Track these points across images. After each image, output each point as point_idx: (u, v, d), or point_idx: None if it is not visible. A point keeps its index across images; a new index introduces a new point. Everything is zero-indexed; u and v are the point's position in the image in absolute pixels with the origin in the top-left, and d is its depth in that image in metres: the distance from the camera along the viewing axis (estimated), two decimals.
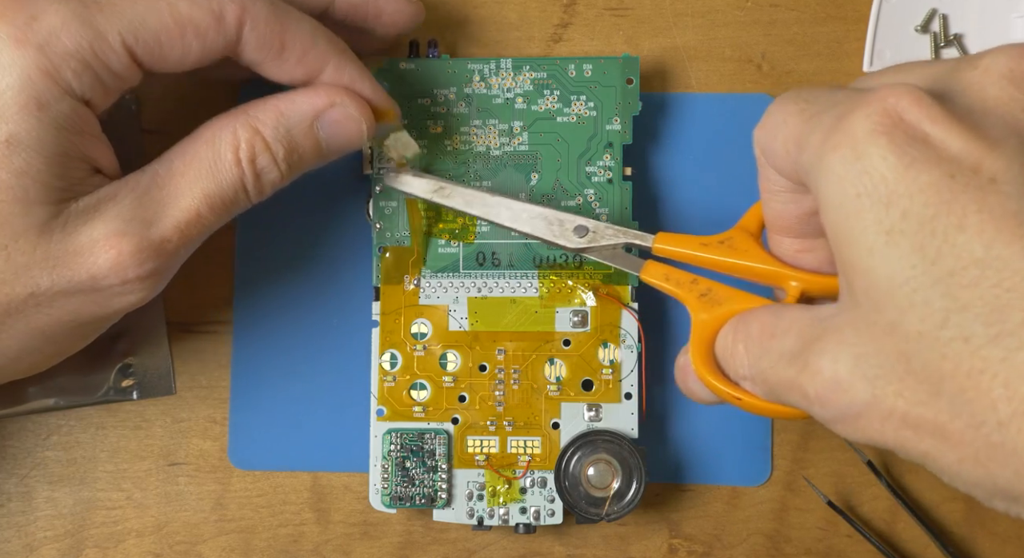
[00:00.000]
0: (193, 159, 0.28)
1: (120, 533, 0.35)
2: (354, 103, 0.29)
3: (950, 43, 0.35)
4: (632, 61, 0.34)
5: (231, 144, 0.28)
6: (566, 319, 0.33)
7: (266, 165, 0.29)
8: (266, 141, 0.28)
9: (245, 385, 0.35)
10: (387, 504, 0.33)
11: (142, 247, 0.27)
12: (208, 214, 0.28)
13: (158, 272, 0.28)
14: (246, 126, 0.28)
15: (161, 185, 0.28)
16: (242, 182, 0.28)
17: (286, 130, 0.29)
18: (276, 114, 0.29)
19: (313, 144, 0.29)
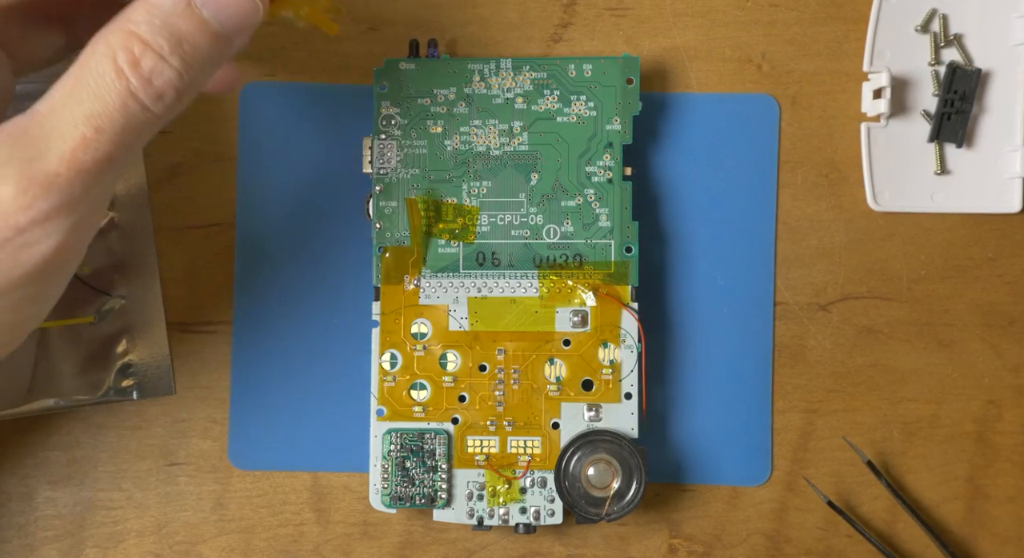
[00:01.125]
0: (72, 85, 0.24)
1: (120, 533, 0.35)
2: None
3: (950, 43, 0.35)
4: (632, 61, 0.34)
5: (107, 55, 0.24)
6: (566, 319, 0.33)
7: (154, 65, 0.24)
8: (143, 39, 0.24)
9: (245, 385, 0.35)
10: (387, 504, 0.33)
11: (27, 187, 0.23)
12: (96, 136, 0.24)
13: (58, 212, 0.24)
14: (117, 31, 0.24)
15: (40, 122, 0.24)
16: (129, 91, 0.24)
17: (162, 21, 0.25)
18: (146, 7, 0.25)
19: (200, 26, 0.25)
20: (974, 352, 0.36)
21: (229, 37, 0.26)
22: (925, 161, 0.36)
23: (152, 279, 0.35)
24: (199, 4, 0.25)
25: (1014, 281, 0.36)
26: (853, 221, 0.36)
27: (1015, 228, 0.36)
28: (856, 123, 0.36)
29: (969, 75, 0.35)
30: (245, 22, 0.26)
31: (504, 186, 0.34)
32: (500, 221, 0.34)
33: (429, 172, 0.34)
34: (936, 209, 0.36)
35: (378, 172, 0.34)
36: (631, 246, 0.33)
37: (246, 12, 0.26)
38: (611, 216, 0.33)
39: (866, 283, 0.36)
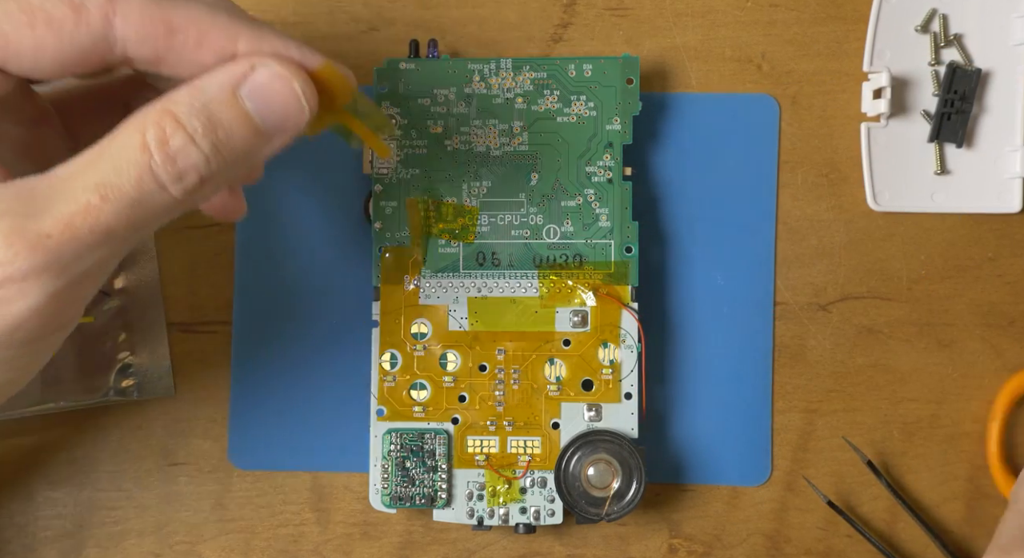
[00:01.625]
0: (95, 154, 0.24)
1: (120, 533, 0.35)
2: (281, 62, 0.24)
3: (950, 43, 0.35)
4: (632, 61, 0.34)
5: (137, 129, 0.23)
6: (566, 319, 0.33)
7: (181, 146, 0.23)
8: (177, 119, 0.24)
9: (245, 385, 0.35)
10: (387, 504, 0.33)
11: (11, 242, 0.22)
12: (100, 204, 0.23)
13: (40, 273, 0.23)
14: (155, 108, 0.24)
15: (52, 184, 0.23)
16: (150, 168, 0.23)
17: (202, 104, 0.24)
18: (189, 89, 0.24)
19: (240, 116, 0.24)
20: (974, 352, 0.36)
21: (269, 134, 0.25)
22: (925, 161, 0.36)
23: (152, 279, 0.35)
24: (244, 95, 0.24)
25: (1014, 281, 0.36)
26: (853, 221, 0.36)
27: (1015, 228, 0.36)
28: (856, 123, 0.36)
29: (969, 75, 0.35)
30: (289, 122, 0.25)
31: (504, 186, 0.34)
32: (500, 221, 0.34)
33: (429, 172, 0.34)
34: (936, 209, 0.36)
35: (378, 172, 0.34)
36: (631, 246, 0.33)
37: (292, 112, 0.25)
38: (611, 216, 0.33)
39: (866, 283, 0.36)
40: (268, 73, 0.24)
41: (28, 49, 0.23)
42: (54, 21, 0.23)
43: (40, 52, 0.24)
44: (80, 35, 0.23)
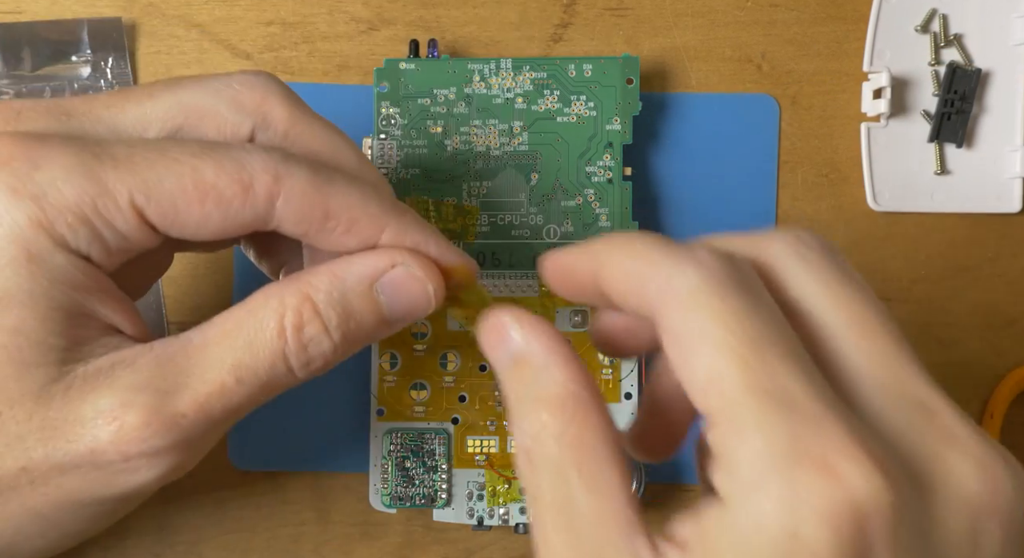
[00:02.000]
0: (232, 327, 0.25)
1: (120, 533, 0.35)
2: (419, 262, 0.26)
3: (950, 43, 0.35)
4: (632, 61, 0.34)
5: (276, 311, 0.24)
6: (566, 319, 0.33)
7: (315, 334, 0.25)
8: (316, 307, 0.25)
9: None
10: (387, 504, 0.33)
11: (149, 421, 0.23)
12: (235, 387, 0.24)
13: (170, 450, 0.24)
14: (295, 292, 0.25)
15: (189, 354, 0.24)
16: (283, 353, 0.25)
17: (340, 294, 0.25)
18: (330, 277, 0.25)
19: (373, 309, 0.25)
20: (974, 352, 0.36)
21: (393, 325, 0.26)
22: (925, 161, 0.36)
23: None
24: (380, 289, 0.25)
25: (1014, 281, 0.36)
26: (853, 221, 0.36)
27: (1015, 228, 0.36)
28: (856, 123, 0.36)
29: (969, 75, 0.35)
30: (414, 315, 0.26)
31: (504, 186, 0.34)
32: (500, 221, 0.34)
33: (429, 172, 0.34)
34: (936, 209, 0.36)
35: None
36: None
37: (419, 306, 0.26)
38: (611, 216, 0.33)
39: None
40: (405, 273, 0.25)
41: (193, 222, 0.24)
42: (224, 200, 0.24)
43: (204, 225, 0.24)
44: (245, 213, 0.24)
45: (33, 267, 0.23)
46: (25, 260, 0.23)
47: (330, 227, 0.25)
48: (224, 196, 0.24)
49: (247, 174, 0.24)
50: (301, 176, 0.24)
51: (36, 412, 0.23)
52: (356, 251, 0.26)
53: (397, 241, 0.26)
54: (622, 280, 0.22)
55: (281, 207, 0.24)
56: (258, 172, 0.24)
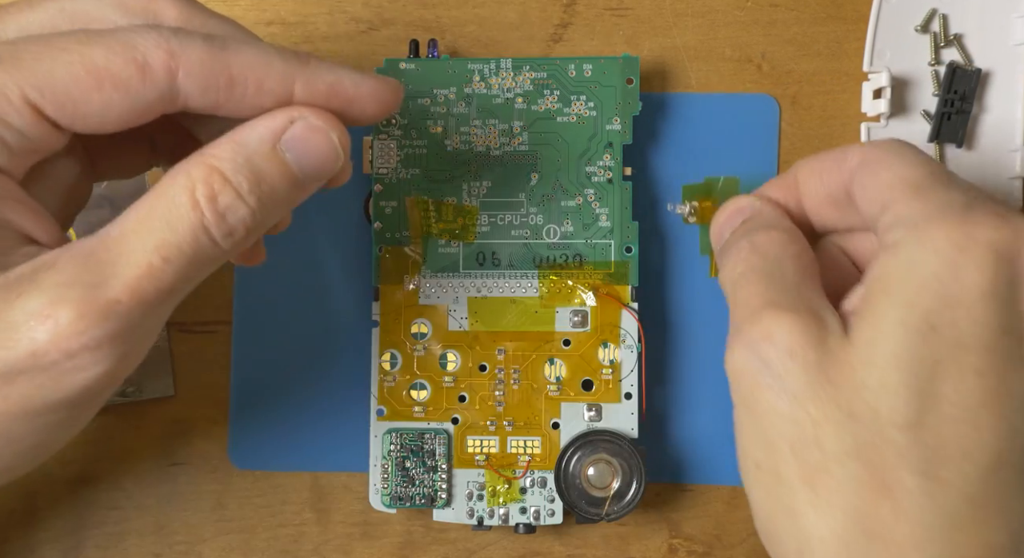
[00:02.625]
0: (146, 212, 0.24)
1: (120, 533, 0.35)
2: (317, 114, 0.25)
3: (950, 43, 0.35)
4: (632, 61, 0.34)
5: (185, 186, 0.24)
6: (566, 319, 0.33)
7: (230, 202, 0.24)
8: (224, 175, 0.24)
9: (245, 385, 0.35)
10: (387, 504, 0.33)
11: (83, 312, 0.23)
12: (163, 266, 0.24)
13: (112, 340, 0.23)
14: (199, 164, 0.24)
15: (109, 246, 0.24)
16: (202, 225, 0.24)
17: (245, 159, 0.24)
18: (231, 145, 0.25)
19: (281, 169, 0.25)
20: None
21: (307, 183, 0.26)
22: None
23: None
24: (284, 147, 0.25)
25: None
26: None
27: None
28: (856, 123, 0.36)
29: (969, 75, 0.35)
30: (325, 169, 0.26)
31: (504, 186, 0.34)
32: (500, 221, 0.34)
33: (429, 172, 0.34)
34: None
35: (378, 172, 0.34)
36: (631, 246, 0.33)
37: (328, 158, 0.26)
38: (611, 216, 0.33)
39: None
40: (305, 126, 0.25)
41: (95, 111, 0.24)
42: (120, 82, 0.24)
43: (107, 112, 0.24)
44: (146, 93, 0.24)
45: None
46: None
47: (239, 92, 0.25)
48: (120, 78, 0.24)
49: (139, 53, 0.24)
50: (196, 46, 0.24)
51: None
52: (271, 109, 0.25)
53: (311, 89, 0.25)
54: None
55: (183, 81, 0.24)
56: (151, 49, 0.24)
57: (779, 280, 0.26)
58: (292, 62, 0.25)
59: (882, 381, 0.23)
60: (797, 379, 0.24)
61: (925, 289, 0.23)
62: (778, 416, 0.24)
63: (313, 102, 0.25)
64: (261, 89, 0.25)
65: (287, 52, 0.25)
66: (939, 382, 0.22)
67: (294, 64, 0.25)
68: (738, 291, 0.26)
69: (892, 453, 0.23)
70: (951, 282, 0.22)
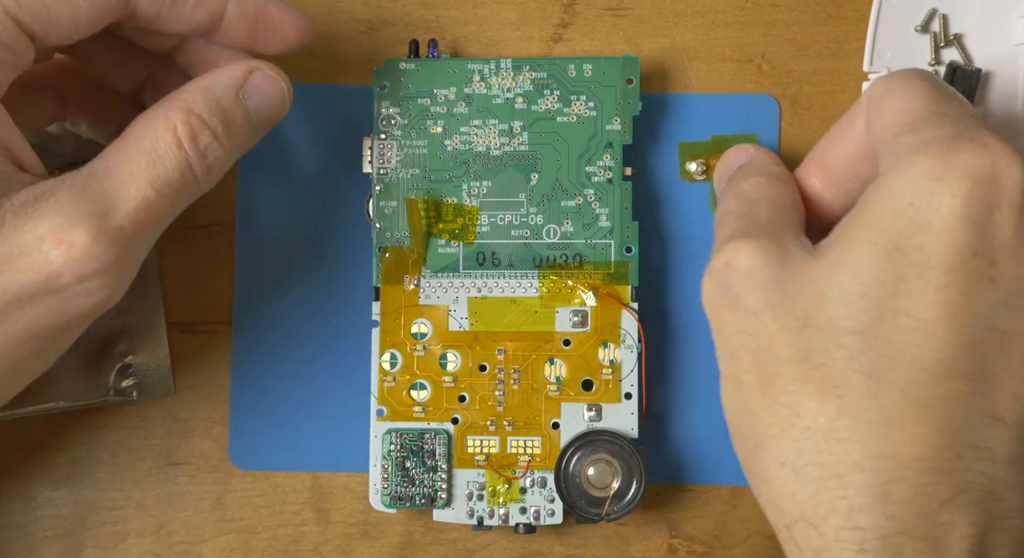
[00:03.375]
0: (130, 151, 0.26)
1: (120, 533, 0.35)
2: (270, 66, 0.29)
3: (950, 43, 0.35)
4: (632, 61, 0.34)
5: (167, 128, 0.26)
6: (566, 319, 0.33)
7: (209, 142, 0.27)
8: (202, 118, 0.27)
9: (245, 385, 0.35)
10: (387, 504, 0.33)
11: (95, 237, 0.25)
12: (157, 199, 0.26)
13: (116, 265, 0.25)
14: (178, 109, 0.27)
15: (100, 178, 0.26)
16: (187, 163, 0.27)
17: (215, 103, 0.27)
18: (202, 91, 0.28)
19: (243, 114, 0.28)
20: None
21: (260, 127, 0.29)
22: None
23: (152, 279, 0.35)
24: (244, 94, 0.28)
25: None
26: None
27: None
28: None
29: (969, 75, 0.35)
30: (276, 115, 0.29)
31: (504, 186, 0.34)
32: (500, 221, 0.34)
33: (429, 172, 0.34)
34: None
35: (378, 172, 0.34)
36: (631, 246, 0.33)
37: (278, 104, 0.29)
38: (611, 216, 0.33)
39: None
40: (262, 76, 0.29)
41: (67, 18, 0.26)
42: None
43: (76, 19, 0.26)
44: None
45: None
46: None
47: (180, 2, 0.27)
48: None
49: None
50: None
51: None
52: (207, 24, 0.28)
53: (242, 7, 0.28)
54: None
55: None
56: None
57: (751, 218, 0.28)
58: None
59: (842, 292, 0.24)
60: (755, 296, 0.26)
61: (899, 215, 0.24)
62: (739, 331, 0.26)
63: (241, 22, 0.28)
64: (199, 3, 0.27)
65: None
66: (899, 297, 0.24)
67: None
68: (716, 234, 0.29)
69: (843, 356, 0.24)
70: (925, 208, 0.24)
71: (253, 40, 0.29)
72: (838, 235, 0.26)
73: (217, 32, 0.29)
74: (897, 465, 0.23)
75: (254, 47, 0.30)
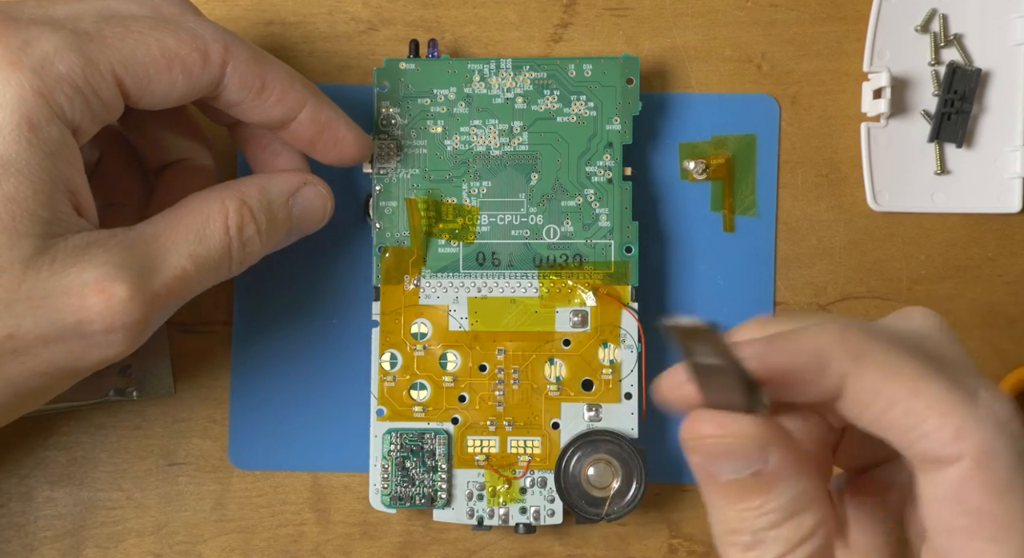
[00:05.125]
0: (180, 223, 0.28)
1: (120, 533, 0.35)
2: (323, 184, 0.31)
3: (950, 43, 0.35)
4: (632, 61, 0.34)
5: (220, 212, 0.28)
6: (566, 319, 0.33)
7: (251, 235, 0.29)
8: (252, 212, 0.29)
9: (245, 385, 0.35)
10: (387, 504, 0.33)
11: (134, 295, 0.26)
12: (194, 274, 0.28)
13: (141, 325, 0.26)
14: (234, 197, 0.29)
15: (149, 241, 0.27)
16: (228, 249, 0.29)
17: (268, 203, 0.30)
18: (259, 188, 0.30)
19: (286, 219, 0.30)
20: (974, 352, 0.36)
21: (294, 234, 0.31)
22: (925, 161, 0.36)
23: None
24: (293, 202, 0.31)
25: (1014, 281, 0.36)
26: (853, 221, 0.36)
27: (1015, 228, 0.36)
28: (856, 123, 0.36)
29: (969, 75, 0.35)
30: (312, 228, 0.32)
31: (504, 186, 0.34)
32: (500, 221, 0.34)
33: (429, 172, 0.34)
34: (936, 209, 0.36)
35: (378, 172, 0.34)
36: (631, 246, 0.33)
37: (317, 220, 0.32)
38: (611, 216, 0.33)
39: (866, 283, 0.36)
40: (314, 191, 0.31)
41: (163, 89, 0.27)
42: (186, 66, 0.27)
43: (170, 92, 0.27)
44: (203, 78, 0.28)
45: (32, 136, 0.25)
46: (27, 129, 0.25)
47: (265, 96, 0.29)
48: (187, 63, 0.27)
49: (202, 42, 0.27)
50: (245, 47, 0.28)
51: (24, 281, 0.25)
52: (278, 121, 0.29)
53: (314, 115, 0.30)
54: (887, 409, 0.20)
55: (230, 73, 0.28)
56: (211, 41, 0.27)
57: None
58: (309, 89, 0.30)
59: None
60: None
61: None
62: None
63: (310, 127, 0.30)
64: (281, 101, 0.29)
65: (306, 81, 0.30)
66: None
67: (310, 92, 0.30)
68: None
69: None
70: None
71: (313, 147, 0.31)
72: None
73: (284, 130, 0.30)
74: None
75: (311, 152, 0.31)
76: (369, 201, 0.34)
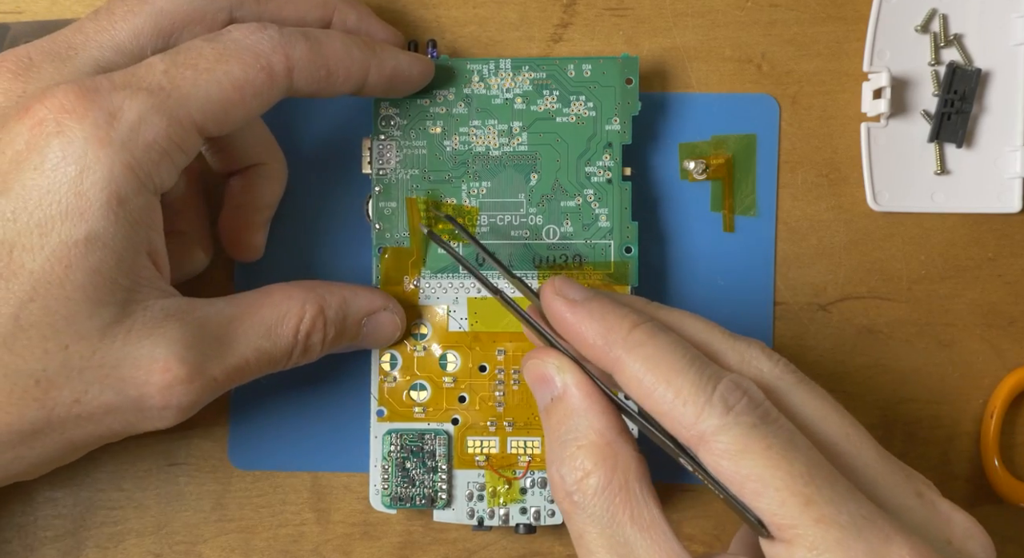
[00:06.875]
0: (257, 314, 0.29)
1: (120, 533, 0.35)
2: (401, 312, 0.32)
3: (950, 43, 0.35)
4: (632, 61, 0.34)
5: (297, 315, 0.29)
6: None
7: (316, 342, 0.30)
8: (326, 321, 0.30)
9: (245, 385, 0.35)
10: (387, 504, 0.33)
11: (193, 378, 0.27)
12: (254, 367, 0.28)
13: (194, 406, 0.27)
14: (315, 304, 0.30)
15: (223, 324, 0.28)
16: (291, 350, 0.29)
17: (343, 317, 0.30)
18: (341, 300, 0.30)
19: (354, 336, 0.31)
20: (974, 352, 0.36)
21: (355, 348, 0.32)
22: (925, 161, 0.36)
23: None
24: (367, 321, 0.31)
25: (1014, 281, 0.36)
26: (853, 221, 0.36)
27: (1015, 228, 0.36)
28: (856, 123, 0.36)
29: (969, 75, 0.35)
30: (372, 347, 0.33)
31: (504, 186, 0.34)
32: (500, 221, 0.34)
33: (429, 172, 0.34)
34: (936, 209, 0.36)
35: (378, 173, 0.34)
36: (631, 246, 0.33)
37: (383, 342, 0.32)
38: (611, 216, 0.33)
39: (866, 283, 0.36)
40: (390, 318, 0.32)
41: (239, 118, 0.27)
42: (258, 90, 0.27)
43: (247, 116, 0.28)
44: (274, 94, 0.28)
45: (120, 209, 0.25)
46: (116, 203, 0.25)
47: (332, 80, 0.29)
48: (256, 86, 0.27)
49: (265, 59, 0.27)
50: (300, 41, 0.28)
51: (99, 349, 0.25)
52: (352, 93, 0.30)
53: (380, 73, 0.30)
54: (648, 395, 0.24)
55: (296, 77, 0.28)
56: (271, 54, 0.27)
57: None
58: (366, 51, 0.30)
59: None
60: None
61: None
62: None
63: (380, 84, 0.30)
64: (348, 79, 0.29)
65: (359, 42, 0.30)
66: None
67: (368, 53, 0.30)
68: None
69: None
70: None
71: (389, 92, 0.32)
72: None
73: (360, 94, 0.31)
74: None
75: (389, 95, 0.32)
76: (369, 201, 0.34)
